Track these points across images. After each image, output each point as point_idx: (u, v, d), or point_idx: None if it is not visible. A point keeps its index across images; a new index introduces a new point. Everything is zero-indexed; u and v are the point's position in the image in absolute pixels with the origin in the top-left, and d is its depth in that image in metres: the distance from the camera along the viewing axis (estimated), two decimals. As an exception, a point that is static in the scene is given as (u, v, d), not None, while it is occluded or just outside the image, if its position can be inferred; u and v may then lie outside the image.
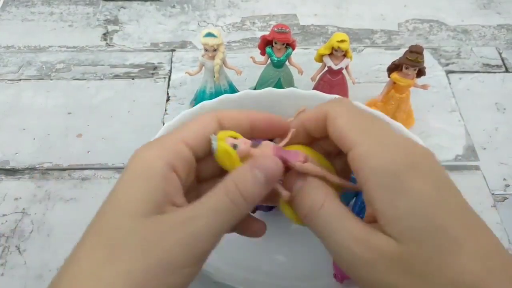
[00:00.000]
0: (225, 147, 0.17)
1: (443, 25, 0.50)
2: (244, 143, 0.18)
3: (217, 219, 0.15)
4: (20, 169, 0.37)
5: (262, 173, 0.16)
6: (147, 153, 0.16)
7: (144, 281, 0.14)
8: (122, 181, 0.16)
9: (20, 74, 0.44)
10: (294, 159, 0.18)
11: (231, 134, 0.18)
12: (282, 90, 0.35)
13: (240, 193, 0.16)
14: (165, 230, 0.15)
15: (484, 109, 0.42)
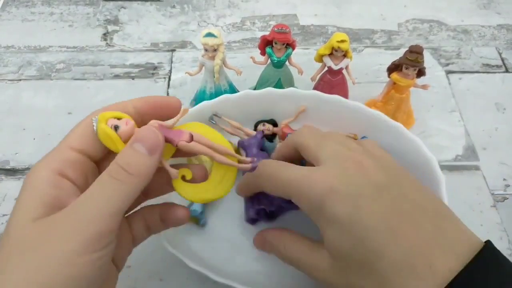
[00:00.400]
0: (104, 129, 0.17)
1: (443, 25, 0.50)
2: (126, 123, 0.18)
3: (100, 199, 0.16)
4: (20, 169, 0.37)
5: (140, 143, 0.17)
6: (36, 165, 0.18)
7: (42, 281, 0.14)
8: (19, 192, 0.18)
9: (20, 74, 0.44)
10: (178, 138, 0.18)
11: (115, 115, 0.18)
12: (282, 90, 0.35)
13: (122, 168, 0.16)
14: (51, 227, 0.16)
15: (484, 109, 0.42)
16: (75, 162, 0.18)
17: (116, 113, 0.18)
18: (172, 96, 0.20)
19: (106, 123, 0.18)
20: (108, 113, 0.18)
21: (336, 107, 0.34)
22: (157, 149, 0.17)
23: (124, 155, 0.17)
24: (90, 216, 0.16)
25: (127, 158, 0.17)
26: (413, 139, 0.32)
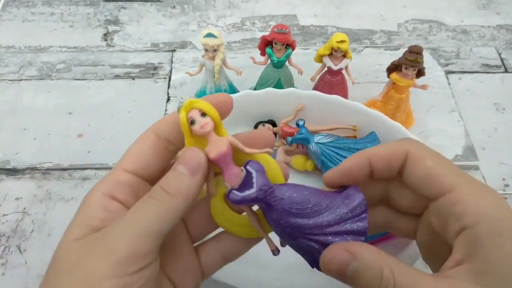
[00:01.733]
0: (181, 117, 0.17)
1: (443, 25, 0.50)
2: (205, 124, 0.16)
3: (134, 219, 0.15)
4: (21, 169, 0.37)
5: (182, 165, 0.16)
6: (92, 188, 0.17)
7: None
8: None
9: (20, 74, 0.44)
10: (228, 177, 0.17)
11: (203, 107, 0.17)
12: (282, 90, 0.35)
13: (162, 188, 0.16)
14: (87, 247, 0.15)
15: (484, 109, 0.42)
16: (126, 183, 0.17)
17: (206, 106, 0.17)
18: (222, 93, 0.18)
19: (187, 113, 0.17)
20: (197, 102, 0.17)
21: (335, 107, 0.35)
22: (198, 169, 0.16)
23: (166, 177, 0.16)
24: (122, 236, 0.15)
25: (169, 179, 0.16)
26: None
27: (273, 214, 0.16)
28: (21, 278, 0.31)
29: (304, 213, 0.16)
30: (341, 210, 0.17)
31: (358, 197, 0.17)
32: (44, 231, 0.33)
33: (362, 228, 0.17)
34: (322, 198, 0.17)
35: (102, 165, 0.37)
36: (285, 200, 0.16)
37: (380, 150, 0.18)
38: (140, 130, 0.18)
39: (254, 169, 0.16)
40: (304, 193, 0.17)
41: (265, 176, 0.17)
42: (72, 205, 0.35)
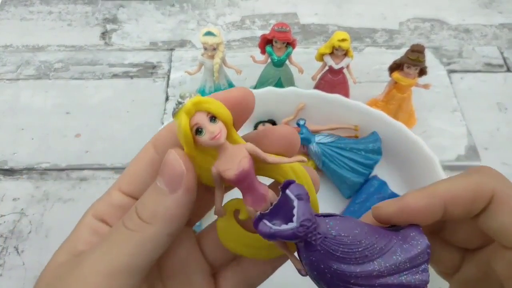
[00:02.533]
0: (181, 124, 0.12)
1: (445, 24, 0.50)
2: (217, 134, 0.12)
3: (99, 254, 0.13)
4: (18, 169, 0.37)
5: (160, 177, 0.13)
6: (88, 209, 0.16)
7: None
8: None
9: (18, 74, 0.44)
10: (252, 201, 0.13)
11: (211, 108, 0.12)
12: (282, 89, 0.35)
13: (137, 214, 0.13)
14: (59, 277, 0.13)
15: (486, 109, 0.42)
16: (119, 206, 0.15)
17: (218, 107, 0.13)
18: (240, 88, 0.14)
19: (190, 117, 0.12)
20: (205, 103, 0.12)
21: (337, 106, 0.34)
22: (179, 183, 0.13)
23: (143, 196, 0.14)
24: (84, 274, 0.13)
25: (143, 199, 0.14)
26: (415, 139, 0.32)
27: (312, 255, 0.13)
28: (19, 279, 0.30)
29: (351, 258, 0.13)
30: (398, 257, 0.13)
31: (422, 243, 0.13)
32: (41, 232, 0.33)
33: (421, 283, 0.13)
34: (376, 240, 0.13)
35: (100, 165, 0.37)
36: (330, 241, 0.13)
37: (459, 189, 0.14)
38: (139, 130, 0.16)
39: (295, 195, 0.12)
40: (355, 232, 0.13)
41: (309, 207, 0.12)
42: (70, 206, 0.34)
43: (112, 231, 0.14)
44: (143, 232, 0.13)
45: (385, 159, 0.33)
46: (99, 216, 0.15)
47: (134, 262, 0.13)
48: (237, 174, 0.13)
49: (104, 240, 0.14)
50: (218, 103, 0.13)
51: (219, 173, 0.13)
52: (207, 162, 0.13)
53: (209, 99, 0.13)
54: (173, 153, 0.13)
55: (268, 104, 0.35)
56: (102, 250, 0.13)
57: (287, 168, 0.14)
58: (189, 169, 0.13)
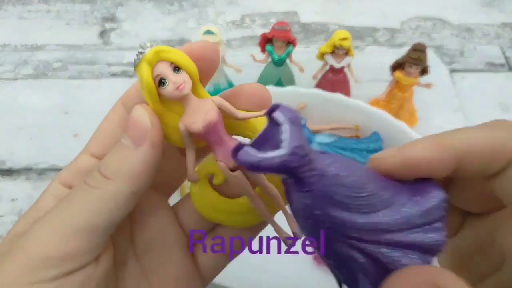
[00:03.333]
0: (143, 76, 0.12)
1: (446, 23, 0.49)
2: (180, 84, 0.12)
3: (58, 213, 0.12)
4: (16, 170, 0.36)
5: (125, 133, 0.13)
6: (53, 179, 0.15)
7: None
8: None
9: (16, 73, 0.44)
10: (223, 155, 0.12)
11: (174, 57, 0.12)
12: (282, 88, 0.35)
13: (99, 171, 0.12)
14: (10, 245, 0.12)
15: (488, 108, 0.41)
16: (88, 170, 0.14)
17: (180, 56, 0.12)
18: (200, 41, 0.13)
19: (152, 68, 0.12)
20: (167, 51, 0.12)
21: (338, 105, 0.34)
22: (143, 137, 0.12)
23: (108, 153, 0.13)
24: (39, 234, 0.12)
25: (107, 156, 0.13)
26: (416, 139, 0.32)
27: (304, 197, 0.10)
28: (16, 281, 0.30)
29: (353, 205, 0.10)
30: (409, 210, 0.10)
31: (438, 195, 0.11)
32: (39, 233, 0.33)
33: (435, 243, 0.11)
34: (383, 187, 0.11)
35: (99, 165, 0.37)
36: (329, 179, 0.10)
37: (477, 142, 0.11)
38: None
39: (285, 117, 0.10)
40: (358, 173, 0.10)
41: (303, 133, 0.10)
42: (68, 206, 0.34)
43: (72, 190, 0.13)
44: (105, 189, 0.12)
45: (386, 159, 0.33)
46: (65, 182, 0.14)
47: (95, 220, 0.12)
48: (204, 126, 0.12)
49: (62, 200, 0.13)
50: (181, 53, 0.12)
51: (186, 128, 0.12)
52: (174, 120, 0.13)
53: (171, 49, 0.12)
54: (139, 108, 0.13)
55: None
56: (60, 209, 0.12)
57: (259, 124, 0.13)
58: (155, 124, 0.13)
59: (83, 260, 0.12)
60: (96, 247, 0.12)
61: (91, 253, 0.12)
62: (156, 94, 0.12)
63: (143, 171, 0.12)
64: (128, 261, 0.14)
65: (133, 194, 0.12)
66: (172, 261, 0.15)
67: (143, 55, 0.12)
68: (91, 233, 0.12)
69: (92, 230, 0.12)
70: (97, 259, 0.12)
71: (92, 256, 0.12)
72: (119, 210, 0.12)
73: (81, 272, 0.12)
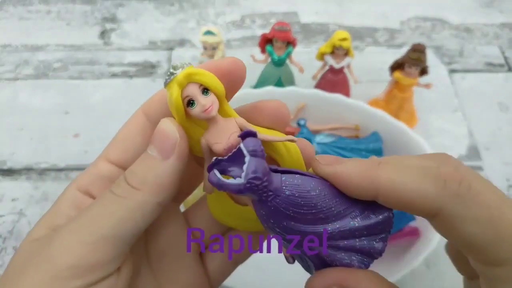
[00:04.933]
0: (173, 96, 0.12)
1: (446, 23, 0.49)
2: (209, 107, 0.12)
3: (89, 223, 0.12)
4: (17, 170, 0.36)
5: (152, 145, 0.13)
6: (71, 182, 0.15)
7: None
8: None
9: (17, 74, 0.44)
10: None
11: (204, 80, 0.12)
12: (282, 89, 0.35)
13: (126, 180, 0.13)
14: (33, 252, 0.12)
15: (487, 109, 0.41)
16: (107, 177, 0.14)
17: (211, 79, 0.12)
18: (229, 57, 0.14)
19: (182, 89, 0.12)
20: (198, 74, 0.12)
21: (337, 106, 0.34)
22: (171, 149, 0.12)
23: (134, 164, 0.13)
24: (65, 242, 0.12)
25: (134, 166, 0.13)
26: (416, 139, 0.32)
27: (262, 209, 0.12)
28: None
29: (302, 219, 0.12)
30: (354, 223, 0.12)
31: (385, 214, 0.12)
32: (40, 233, 0.33)
33: (377, 250, 0.12)
34: (334, 203, 0.12)
35: (99, 165, 0.37)
36: (282, 199, 0.12)
37: (398, 187, 0.12)
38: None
39: (249, 150, 0.12)
40: (312, 194, 0.12)
41: (263, 163, 0.12)
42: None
43: (98, 198, 0.13)
44: (132, 198, 0.12)
45: (386, 159, 0.33)
46: (83, 188, 0.14)
47: (121, 229, 0.12)
48: (226, 149, 0.13)
49: (87, 208, 0.13)
50: (211, 75, 0.13)
51: (208, 145, 0.13)
52: (197, 133, 0.13)
53: (202, 71, 0.12)
54: (167, 121, 0.13)
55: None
56: (85, 217, 0.12)
57: (278, 144, 0.14)
58: (182, 137, 0.13)
59: (107, 270, 0.12)
60: (119, 256, 0.12)
61: (114, 263, 0.12)
62: (184, 113, 0.13)
63: (169, 183, 0.13)
64: (142, 270, 0.15)
65: (159, 204, 0.13)
66: (184, 268, 0.15)
67: (174, 76, 0.12)
68: (116, 242, 0.12)
69: (118, 240, 0.12)
70: (118, 270, 0.13)
71: (115, 266, 0.12)
72: (144, 220, 0.13)
73: (104, 282, 0.12)
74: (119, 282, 0.12)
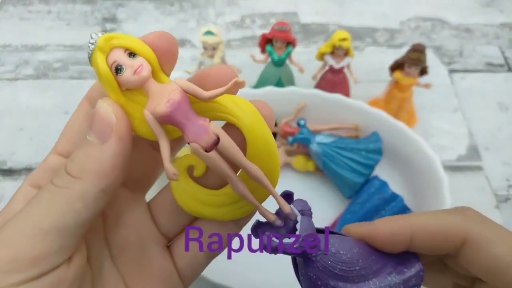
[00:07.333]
0: (98, 64, 0.11)
1: (446, 23, 0.49)
2: (138, 68, 0.11)
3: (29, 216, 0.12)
4: (17, 170, 0.37)
5: (91, 131, 0.12)
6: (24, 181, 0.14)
7: None
8: None
9: (17, 74, 0.44)
10: (193, 135, 0.12)
11: (126, 43, 0.11)
12: (282, 89, 0.35)
13: (65, 170, 0.12)
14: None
15: (487, 109, 0.42)
16: (56, 169, 0.13)
17: (133, 41, 0.12)
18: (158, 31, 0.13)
19: (106, 56, 0.11)
20: (117, 38, 0.12)
21: (337, 106, 0.34)
22: (108, 133, 0.12)
23: (74, 151, 0.12)
24: (4, 237, 0.11)
25: (73, 154, 0.12)
26: (416, 139, 0.32)
27: (310, 271, 0.13)
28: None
29: (348, 276, 0.13)
30: (392, 278, 0.13)
31: (416, 266, 0.14)
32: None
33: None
34: (373, 261, 0.13)
35: (99, 165, 0.37)
36: (329, 257, 0.13)
37: (429, 224, 0.13)
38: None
39: (299, 210, 0.13)
40: (354, 250, 0.13)
41: (312, 222, 0.13)
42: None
43: (40, 191, 0.12)
44: (72, 188, 0.12)
45: (386, 159, 0.33)
46: (35, 183, 0.14)
47: (63, 221, 0.12)
48: (168, 106, 0.11)
49: (30, 202, 0.12)
50: (133, 38, 0.12)
51: (152, 115, 0.12)
52: (140, 111, 0.12)
53: (123, 35, 0.12)
54: (101, 102, 0.12)
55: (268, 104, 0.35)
56: (27, 211, 0.12)
57: (229, 104, 0.13)
58: (120, 116, 0.12)
59: (52, 262, 0.12)
60: (66, 248, 0.12)
61: (61, 255, 0.12)
62: (116, 83, 0.12)
63: (111, 168, 0.12)
64: (104, 263, 0.14)
65: (103, 191, 0.12)
66: (148, 261, 0.15)
67: (94, 45, 0.11)
68: (59, 234, 0.12)
69: (61, 231, 0.12)
70: (69, 261, 0.12)
71: (62, 258, 0.12)
72: (88, 210, 0.12)
73: (52, 274, 0.12)
74: (69, 272, 0.12)
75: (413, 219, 0.14)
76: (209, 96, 0.12)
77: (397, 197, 0.31)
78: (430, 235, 0.13)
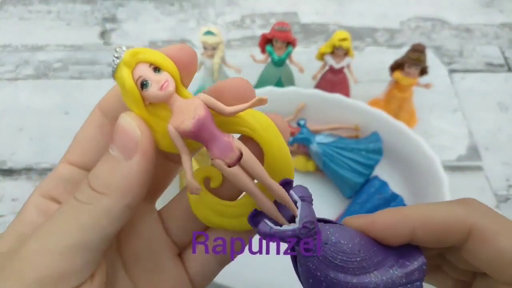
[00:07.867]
0: (123, 78, 0.11)
1: (446, 23, 0.49)
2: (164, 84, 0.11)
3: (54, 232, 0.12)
4: (17, 170, 0.37)
5: (114, 146, 0.12)
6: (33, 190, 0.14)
7: None
8: None
9: (17, 74, 0.44)
10: (218, 151, 0.12)
11: (154, 59, 0.11)
12: (282, 89, 0.35)
13: (89, 185, 0.12)
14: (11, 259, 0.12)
15: (487, 109, 0.42)
16: (69, 180, 0.13)
17: (158, 56, 0.12)
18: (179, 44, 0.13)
19: (132, 70, 0.11)
20: (144, 52, 0.11)
21: (337, 106, 0.34)
22: (133, 149, 0.12)
23: (97, 165, 0.12)
24: (31, 255, 0.11)
25: (96, 169, 0.12)
26: (416, 139, 0.32)
27: (310, 261, 0.12)
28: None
29: (348, 268, 0.13)
30: (394, 271, 0.13)
31: (419, 260, 0.13)
32: (40, 233, 0.33)
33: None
34: (374, 252, 0.13)
35: (99, 165, 0.37)
36: (330, 247, 0.12)
37: (431, 216, 0.13)
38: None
39: (299, 196, 0.12)
40: (355, 241, 0.13)
41: (312, 209, 0.12)
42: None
43: (61, 206, 0.12)
44: (97, 204, 0.12)
45: (386, 159, 0.33)
46: (46, 194, 0.13)
47: (88, 238, 0.11)
48: (194, 122, 0.11)
49: (53, 216, 0.12)
50: (158, 53, 0.12)
51: (176, 130, 0.12)
52: (162, 126, 0.12)
53: (148, 49, 0.12)
54: (125, 117, 0.12)
55: (268, 104, 0.35)
56: (50, 227, 0.12)
57: (249, 118, 0.13)
58: (144, 132, 0.12)
59: (77, 280, 0.11)
60: (90, 264, 0.12)
61: (85, 272, 0.12)
62: (141, 99, 0.12)
63: (136, 183, 0.12)
64: (118, 273, 0.14)
65: (128, 207, 0.12)
66: (161, 270, 0.15)
67: (120, 59, 0.11)
68: (84, 251, 0.11)
69: (86, 248, 0.12)
70: (91, 277, 0.12)
71: (86, 275, 0.12)
72: (113, 225, 0.12)
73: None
74: (97, 286, 0.12)
75: (415, 211, 0.13)
76: (231, 112, 0.12)
77: (397, 197, 0.31)
78: (433, 227, 0.13)
